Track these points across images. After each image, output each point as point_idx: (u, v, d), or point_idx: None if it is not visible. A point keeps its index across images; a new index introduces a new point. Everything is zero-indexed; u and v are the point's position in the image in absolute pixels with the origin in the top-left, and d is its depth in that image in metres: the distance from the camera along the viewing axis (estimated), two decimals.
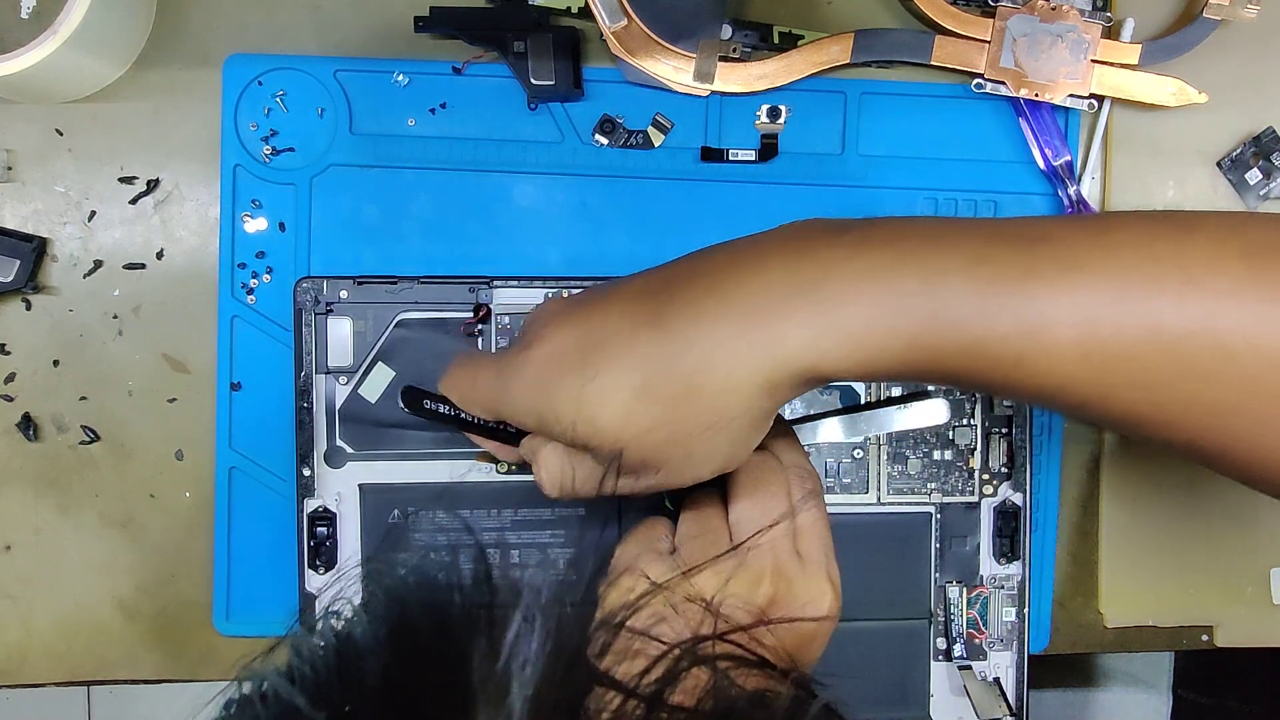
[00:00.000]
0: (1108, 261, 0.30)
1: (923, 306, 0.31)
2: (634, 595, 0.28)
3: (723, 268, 0.33)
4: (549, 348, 0.34)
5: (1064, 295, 0.30)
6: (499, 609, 0.26)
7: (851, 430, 0.45)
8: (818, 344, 0.31)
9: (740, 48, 0.52)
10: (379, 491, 0.52)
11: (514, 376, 0.35)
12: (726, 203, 0.53)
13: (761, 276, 0.32)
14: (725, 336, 0.32)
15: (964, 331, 0.31)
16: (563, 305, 0.36)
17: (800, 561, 0.38)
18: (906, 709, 0.54)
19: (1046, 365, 0.31)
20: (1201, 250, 0.30)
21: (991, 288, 0.30)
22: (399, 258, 0.53)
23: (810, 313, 0.31)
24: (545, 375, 0.34)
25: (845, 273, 0.31)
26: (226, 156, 0.52)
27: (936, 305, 0.31)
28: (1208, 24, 0.52)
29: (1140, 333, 0.30)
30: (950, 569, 0.54)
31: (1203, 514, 0.55)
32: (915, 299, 0.31)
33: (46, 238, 0.52)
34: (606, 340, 0.33)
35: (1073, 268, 0.30)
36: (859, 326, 0.31)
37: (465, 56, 0.52)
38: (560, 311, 0.36)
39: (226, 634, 0.53)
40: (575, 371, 0.33)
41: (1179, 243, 0.30)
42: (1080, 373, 0.30)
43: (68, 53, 0.47)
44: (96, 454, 0.53)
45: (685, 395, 0.32)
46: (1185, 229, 0.30)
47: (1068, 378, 0.31)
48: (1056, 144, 0.53)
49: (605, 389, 0.33)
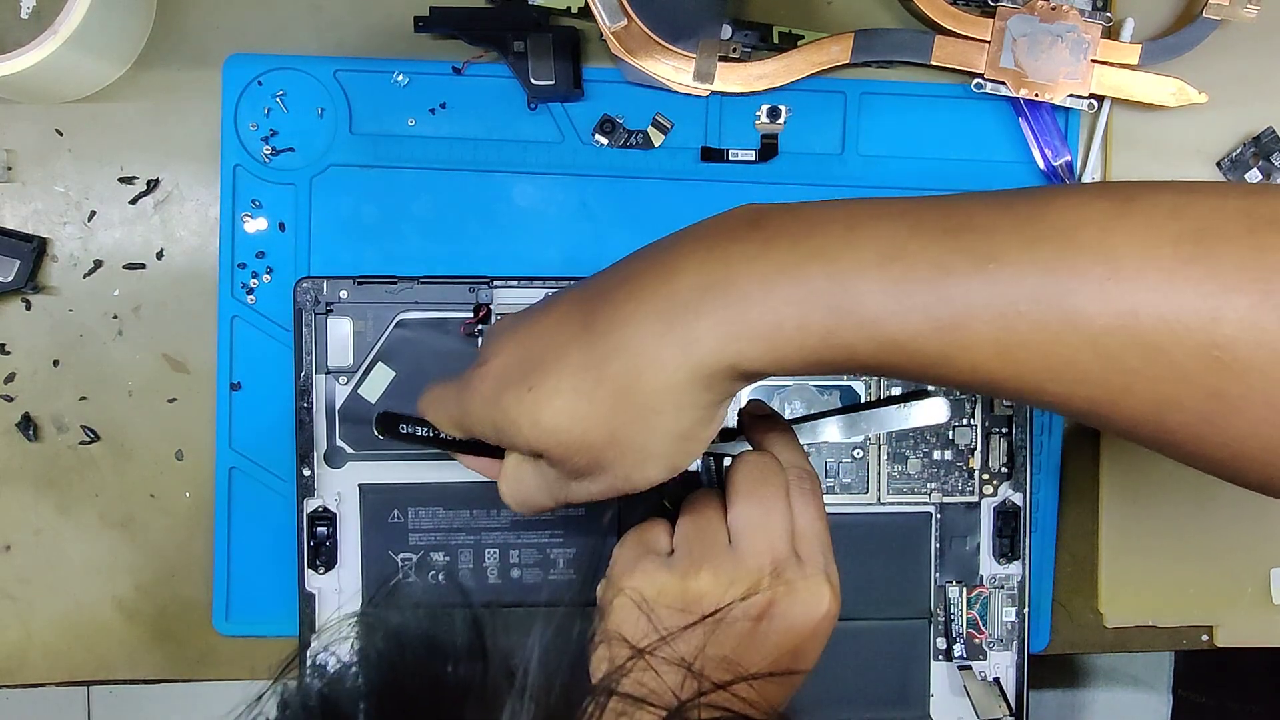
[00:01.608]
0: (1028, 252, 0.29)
1: (832, 304, 0.30)
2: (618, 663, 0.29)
3: (642, 272, 0.33)
4: (496, 363, 0.36)
5: (978, 291, 0.29)
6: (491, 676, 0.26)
7: (851, 430, 0.45)
8: (734, 343, 0.31)
9: (740, 48, 0.52)
10: (379, 491, 0.52)
11: (470, 395, 0.36)
12: (726, 203, 0.53)
13: (675, 279, 0.32)
14: (647, 339, 0.32)
15: (877, 329, 0.30)
16: (510, 321, 0.38)
17: (799, 562, 0.38)
18: (906, 709, 0.54)
19: (966, 361, 0.30)
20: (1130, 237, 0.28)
21: (901, 285, 0.30)
22: (399, 258, 0.53)
23: (722, 313, 0.31)
24: (495, 390, 0.35)
25: (754, 271, 0.31)
26: (226, 156, 0.52)
27: (847, 303, 0.30)
28: (1208, 24, 0.52)
29: (1061, 328, 0.28)
30: (950, 569, 0.54)
31: (1203, 514, 0.55)
32: (824, 297, 0.30)
33: (46, 238, 0.52)
34: (544, 351, 0.34)
35: (990, 260, 0.29)
36: (769, 325, 0.31)
37: (465, 56, 0.52)
38: (507, 328, 0.37)
39: (226, 634, 0.53)
40: (518, 383, 0.34)
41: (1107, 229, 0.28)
42: (1002, 368, 0.30)
43: (68, 53, 0.47)
44: (96, 454, 0.53)
45: (620, 396, 0.33)
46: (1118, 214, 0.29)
47: (991, 373, 0.30)
48: (1056, 144, 0.53)
49: (544, 397, 0.34)
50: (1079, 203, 0.30)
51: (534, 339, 0.35)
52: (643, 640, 0.35)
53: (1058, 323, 0.28)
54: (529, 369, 0.34)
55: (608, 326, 0.33)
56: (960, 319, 0.29)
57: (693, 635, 0.36)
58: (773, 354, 0.31)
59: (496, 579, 0.52)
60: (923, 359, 0.30)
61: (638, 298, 0.33)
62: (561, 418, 0.33)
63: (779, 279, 0.31)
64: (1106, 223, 0.29)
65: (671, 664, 0.32)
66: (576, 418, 0.33)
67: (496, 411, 0.35)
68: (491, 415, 0.35)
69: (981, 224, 0.30)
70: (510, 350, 0.36)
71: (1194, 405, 0.28)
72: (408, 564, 0.52)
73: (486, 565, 0.52)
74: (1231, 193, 0.29)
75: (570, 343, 0.34)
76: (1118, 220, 0.29)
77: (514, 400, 0.34)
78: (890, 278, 0.30)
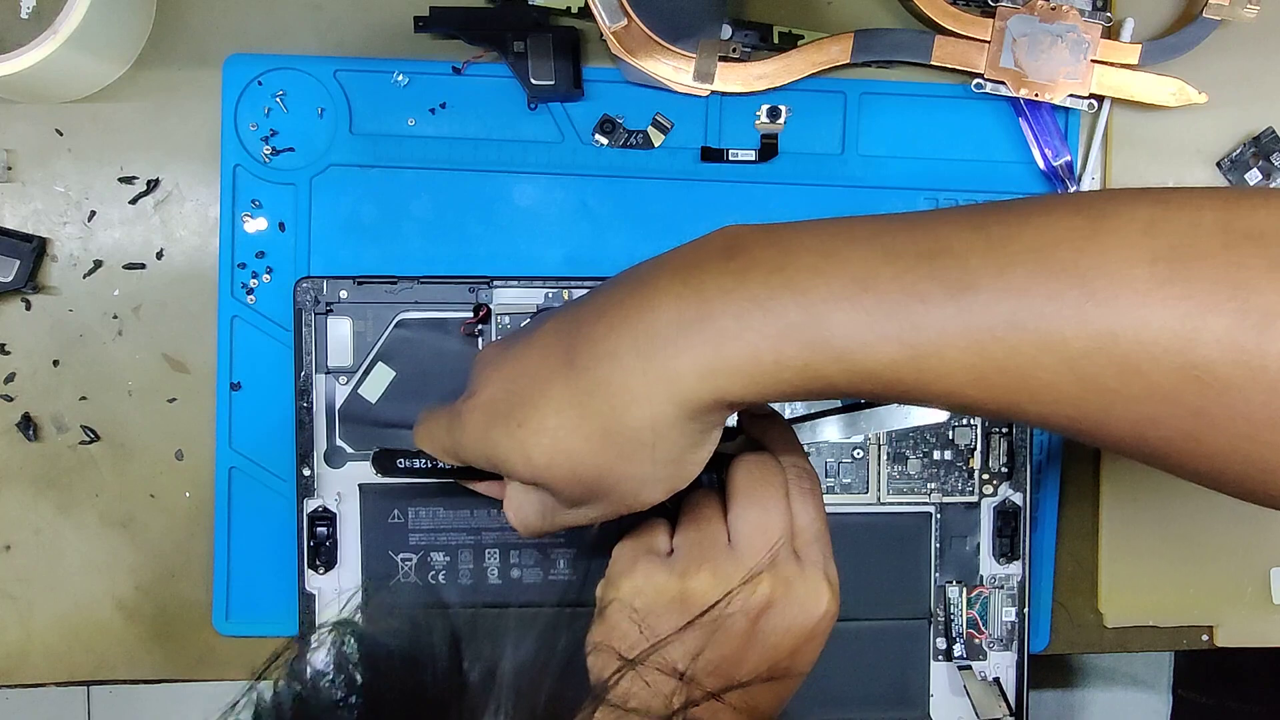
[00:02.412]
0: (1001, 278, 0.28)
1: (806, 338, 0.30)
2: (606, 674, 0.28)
3: (619, 303, 0.33)
4: (483, 395, 0.36)
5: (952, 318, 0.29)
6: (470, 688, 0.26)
7: (851, 429, 0.45)
8: (713, 378, 0.31)
9: (740, 48, 0.52)
10: (379, 491, 0.52)
11: (461, 427, 0.36)
12: (726, 203, 0.53)
13: (652, 313, 0.32)
14: (628, 375, 0.32)
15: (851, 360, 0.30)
16: (496, 351, 0.37)
17: (798, 562, 0.38)
18: (906, 709, 0.54)
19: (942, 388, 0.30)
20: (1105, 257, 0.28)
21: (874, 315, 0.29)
22: (399, 258, 0.53)
23: (701, 349, 0.31)
24: (484, 424, 0.35)
25: (729, 305, 0.31)
26: (226, 156, 0.52)
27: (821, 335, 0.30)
28: (1208, 24, 0.52)
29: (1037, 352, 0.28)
30: (950, 569, 0.54)
31: (1203, 514, 0.55)
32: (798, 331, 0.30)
33: (46, 238, 0.52)
34: (528, 385, 0.34)
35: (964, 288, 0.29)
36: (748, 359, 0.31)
37: (465, 56, 0.52)
38: (492, 359, 0.37)
39: (226, 634, 0.53)
40: (505, 418, 0.34)
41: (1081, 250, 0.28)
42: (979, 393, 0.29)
43: (68, 53, 0.47)
44: (96, 454, 0.53)
45: (607, 432, 0.33)
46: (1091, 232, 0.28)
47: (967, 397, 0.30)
48: (1056, 144, 0.53)
49: (531, 435, 0.34)
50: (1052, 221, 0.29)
51: (519, 372, 0.35)
52: (634, 649, 0.35)
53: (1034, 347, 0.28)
54: (514, 403, 0.34)
55: (589, 361, 0.33)
56: (935, 347, 0.29)
57: (690, 638, 0.36)
58: (754, 386, 0.31)
59: (496, 579, 0.52)
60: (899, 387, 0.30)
61: (617, 332, 0.32)
62: (551, 455, 0.33)
63: (754, 312, 0.30)
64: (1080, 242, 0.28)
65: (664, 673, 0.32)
66: (566, 454, 0.33)
67: (487, 445, 0.35)
68: (483, 449, 0.36)
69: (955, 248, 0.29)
70: (496, 383, 0.36)
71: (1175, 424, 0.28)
72: (408, 564, 0.52)
73: (486, 565, 0.52)
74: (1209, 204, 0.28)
75: (553, 377, 0.34)
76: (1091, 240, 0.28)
77: (504, 435, 0.34)
78: (863, 308, 0.29)
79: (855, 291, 0.30)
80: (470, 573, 0.52)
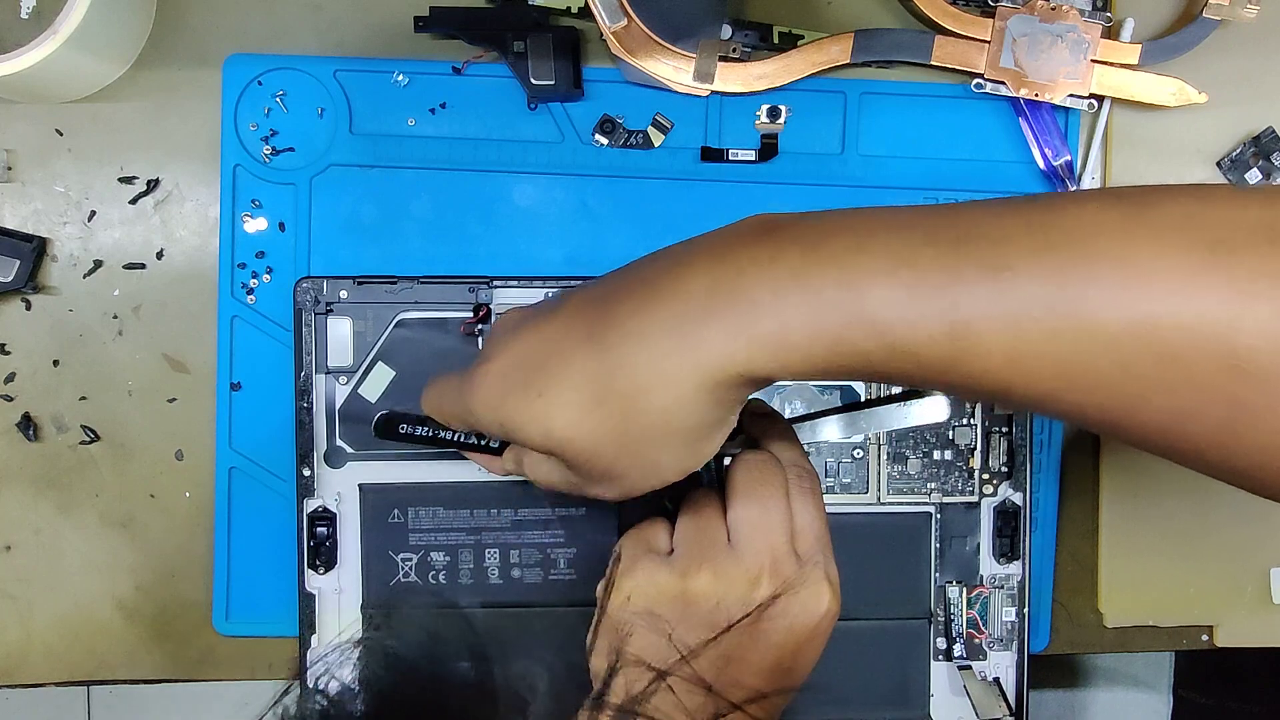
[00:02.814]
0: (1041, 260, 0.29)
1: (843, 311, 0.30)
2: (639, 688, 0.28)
3: (651, 280, 0.33)
4: (500, 364, 0.35)
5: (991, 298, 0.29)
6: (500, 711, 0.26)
7: (851, 429, 0.45)
8: (745, 350, 0.31)
9: (740, 48, 0.52)
10: (379, 491, 0.52)
11: (473, 393, 0.36)
12: (726, 203, 0.53)
13: (685, 286, 0.32)
14: (656, 350, 0.32)
15: (888, 335, 0.30)
16: (516, 318, 0.37)
17: (798, 561, 0.38)
18: (906, 709, 0.54)
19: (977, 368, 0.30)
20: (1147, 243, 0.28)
21: (913, 291, 0.29)
22: (399, 258, 0.53)
23: (732, 320, 0.31)
24: (499, 391, 0.35)
25: (765, 278, 0.31)
26: (226, 156, 0.52)
27: (858, 309, 0.30)
28: (1208, 24, 0.52)
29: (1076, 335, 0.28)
30: (950, 569, 0.54)
31: (1203, 514, 0.55)
32: (835, 304, 0.30)
33: (46, 238, 0.52)
34: (549, 357, 0.34)
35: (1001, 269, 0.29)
36: (780, 332, 0.31)
37: (465, 56, 0.52)
38: (512, 326, 0.37)
39: (226, 634, 0.53)
40: (524, 387, 0.34)
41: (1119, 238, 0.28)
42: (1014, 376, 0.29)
43: (68, 53, 0.47)
44: (96, 454, 0.53)
45: (629, 409, 0.33)
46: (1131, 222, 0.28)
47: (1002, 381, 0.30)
48: (1056, 144, 0.53)
49: (554, 407, 0.34)
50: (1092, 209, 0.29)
51: (540, 341, 0.35)
52: (659, 659, 0.35)
53: (1072, 330, 0.28)
54: (534, 373, 0.34)
55: (617, 338, 0.33)
56: (972, 326, 0.29)
57: (715, 649, 0.36)
58: (782, 360, 0.31)
59: (497, 579, 0.52)
60: (934, 365, 0.30)
61: (646, 309, 0.33)
62: (571, 430, 0.34)
63: (790, 285, 0.31)
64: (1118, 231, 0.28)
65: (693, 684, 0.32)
66: (586, 430, 0.33)
67: (502, 413, 0.35)
68: (497, 415, 0.35)
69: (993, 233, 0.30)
70: (515, 350, 0.35)
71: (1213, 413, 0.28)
72: (408, 564, 0.52)
73: (487, 565, 0.52)
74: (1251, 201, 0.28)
75: (576, 351, 0.34)
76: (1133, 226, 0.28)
77: (522, 404, 0.34)
78: (902, 284, 0.30)
79: (895, 267, 0.30)
80: (470, 573, 0.52)
